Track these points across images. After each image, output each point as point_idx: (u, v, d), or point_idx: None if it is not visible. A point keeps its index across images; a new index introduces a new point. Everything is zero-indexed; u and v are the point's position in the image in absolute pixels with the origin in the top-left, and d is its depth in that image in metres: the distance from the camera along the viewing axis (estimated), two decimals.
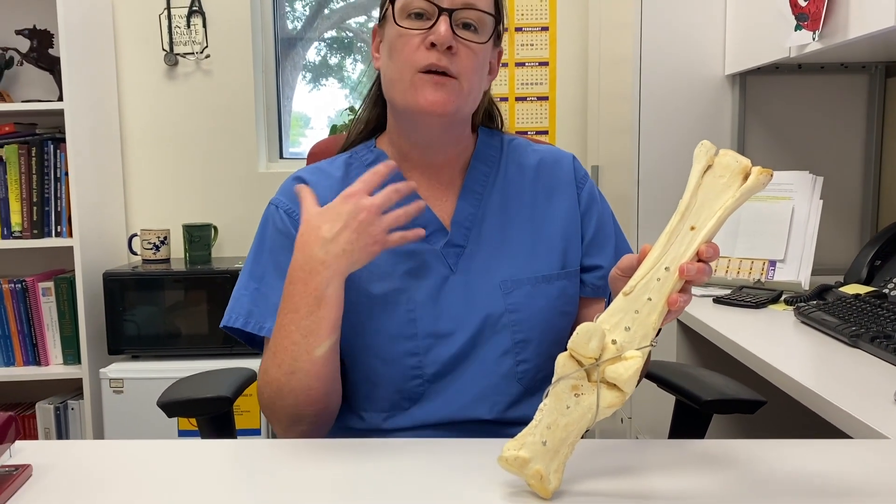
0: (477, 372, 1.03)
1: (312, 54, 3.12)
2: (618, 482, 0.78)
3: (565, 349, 0.73)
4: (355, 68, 3.10)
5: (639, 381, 1.15)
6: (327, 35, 3.11)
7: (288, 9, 3.05)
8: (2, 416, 0.77)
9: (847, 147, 2.15)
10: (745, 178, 0.77)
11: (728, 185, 0.77)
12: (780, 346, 1.38)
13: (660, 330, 0.93)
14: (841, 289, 1.65)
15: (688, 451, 0.86)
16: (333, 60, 3.14)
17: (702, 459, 0.83)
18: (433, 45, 0.98)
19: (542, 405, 0.73)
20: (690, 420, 1.26)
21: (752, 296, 1.74)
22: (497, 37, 1.07)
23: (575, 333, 0.72)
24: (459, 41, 0.99)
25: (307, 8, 3.09)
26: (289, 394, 0.96)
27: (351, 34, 3.11)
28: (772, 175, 0.77)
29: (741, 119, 2.13)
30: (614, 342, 0.73)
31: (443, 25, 0.98)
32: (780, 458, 0.83)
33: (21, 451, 0.83)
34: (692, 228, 0.76)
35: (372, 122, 1.16)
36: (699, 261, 0.75)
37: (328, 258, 0.92)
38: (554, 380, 0.73)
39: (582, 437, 0.75)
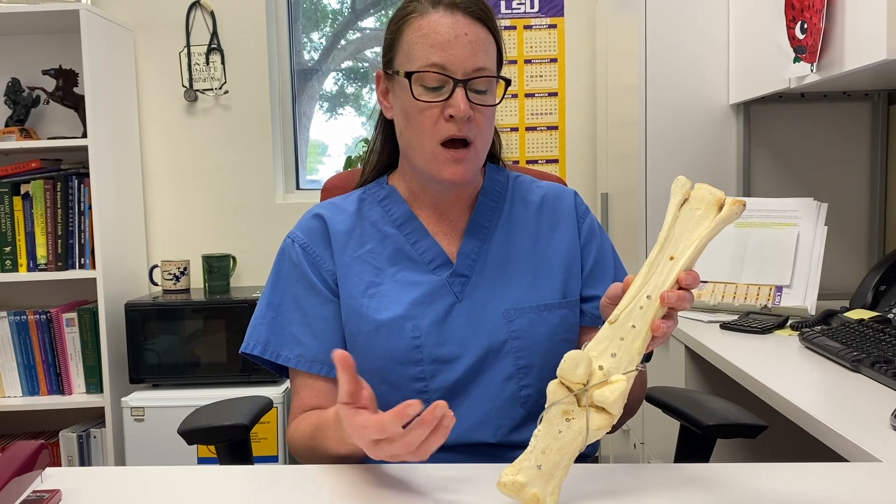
0: (481, 396, 1.07)
1: (329, 84, 3.20)
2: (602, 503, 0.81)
3: None
4: (371, 97, 3.18)
5: (639, 405, 1.19)
6: (343, 65, 3.19)
7: (305, 40, 3.13)
8: (33, 445, 0.82)
9: (852, 173, 2.18)
10: (720, 209, 0.81)
11: (704, 217, 0.81)
12: (784, 371, 1.41)
13: (650, 354, 0.97)
14: (846, 314, 1.67)
15: (683, 475, 0.89)
16: (350, 90, 3.22)
17: (696, 482, 0.86)
18: (451, 116, 1.03)
19: (536, 431, 0.78)
20: (695, 444, 1.29)
21: (759, 321, 1.76)
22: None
23: (563, 361, 0.76)
24: (475, 107, 1.04)
25: (323, 40, 3.18)
26: (322, 459, 1.01)
27: (367, 64, 3.19)
28: (744, 205, 0.81)
29: (746, 147, 2.17)
30: (601, 368, 0.77)
31: (461, 101, 1.02)
32: (774, 481, 0.86)
33: (51, 478, 0.88)
34: (671, 258, 0.81)
35: (384, 161, 1.22)
36: (680, 288, 0.80)
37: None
38: (546, 406, 0.77)
39: (594, 461, 0.78)
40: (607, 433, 0.83)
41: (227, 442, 1.26)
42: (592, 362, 0.77)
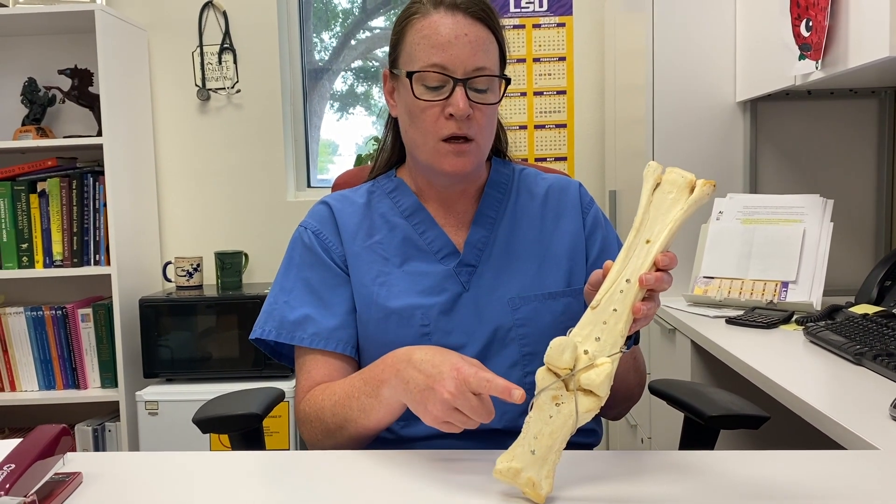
0: None
1: (340, 84, 3.23)
2: (607, 489, 0.83)
3: None
4: (381, 96, 3.19)
5: (639, 392, 1.21)
6: (354, 65, 3.22)
7: (315, 40, 3.16)
8: (56, 429, 0.86)
9: (858, 170, 2.19)
10: (692, 190, 0.84)
11: (677, 200, 0.84)
12: (787, 364, 1.43)
13: (637, 337, 0.99)
14: (851, 309, 1.68)
15: (683, 461, 0.92)
16: (360, 89, 3.25)
17: (693, 469, 0.89)
18: (451, 115, 1.05)
19: (527, 418, 0.80)
20: (699, 435, 1.31)
21: (765, 316, 1.78)
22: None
23: (549, 348, 0.79)
24: (475, 106, 1.07)
25: (334, 39, 3.20)
26: (331, 437, 1.05)
27: (377, 63, 3.22)
28: (714, 185, 0.83)
29: (753, 144, 2.18)
30: (586, 352, 0.80)
31: (461, 100, 1.05)
32: (771, 467, 0.88)
33: (72, 461, 0.91)
34: (647, 242, 0.83)
35: (394, 156, 1.25)
36: (657, 270, 0.82)
37: (398, 373, 0.94)
38: (536, 393, 0.80)
39: (599, 450, 0.80)
40: (612, 421, 0.85)
41: (241, 431, 1.29)
42: (577, 347, 0.79)
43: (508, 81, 1.13)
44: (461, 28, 1.06)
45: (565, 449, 0.81)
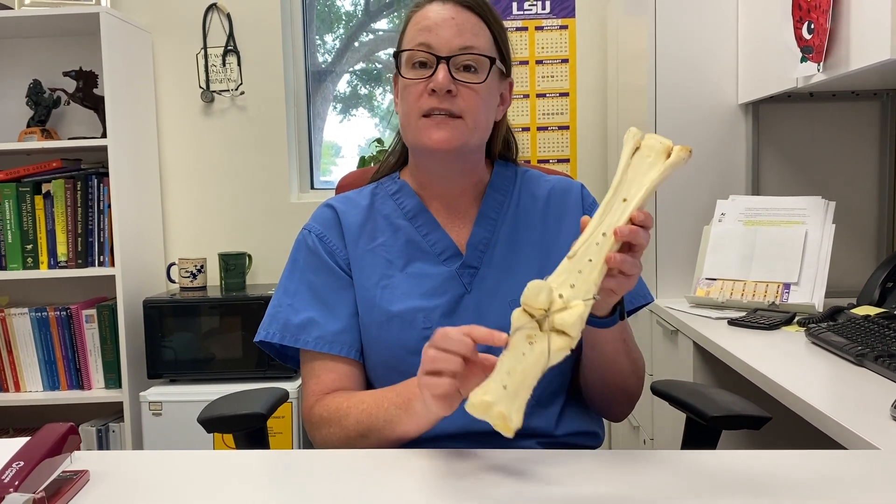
0: None
1: (343, 85, 3.24)
2: (608, 488, 0.84)
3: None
4: (384, 98, 3.21)
5: (637, 391, 1.21)
6: (357, 67, 3.23)
7: (318, 42, 3.17)
8: (63, 427, 0.86)
9: (860, 172, 2.20)
10: (669, 156, 0.88)
11: (654, 163, 0.88)
12: (789, 365, 1.43)
13: (622, 311, 1.02)
14: (853, 310, 1.69)
15: (683, 461, 0.92)
16: (363, 91, 3.26)
17: (694, 469, 0.89)
18: (434, 91, 1.08)
19: (501, 356, 0.83)
20: (700, 436, 1.31)
21: (766, 318, 1.79)
22: (502, 71, 1.16)
23: (526, 289, 0.82)
24: (459, 84, 1.09)
25: (337, 41, 3.22)
26: (349, 443, 1.06)
27: (380, 65, 3.23)
28: (690, 151, 0.87)
29: (755, 146, 2.19)
30: (561, 296, 0.83)
31: (440, 73, 1.08)
32: (773, 467, 0.89)
33: (79, 459, 0.92)
34: (624, 200, 0.87)
35: (400, 162, 1.26)
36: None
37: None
38: (511, 332, 0.83)
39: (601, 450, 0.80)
40: (615, 422, 0.85)
41: (245, 430, 1.30)
42: (553, 291, 0.82)
43: (493, 61, 1.12)
44: (449, 13, 1.10)
45: (566, 449, 0.82)
